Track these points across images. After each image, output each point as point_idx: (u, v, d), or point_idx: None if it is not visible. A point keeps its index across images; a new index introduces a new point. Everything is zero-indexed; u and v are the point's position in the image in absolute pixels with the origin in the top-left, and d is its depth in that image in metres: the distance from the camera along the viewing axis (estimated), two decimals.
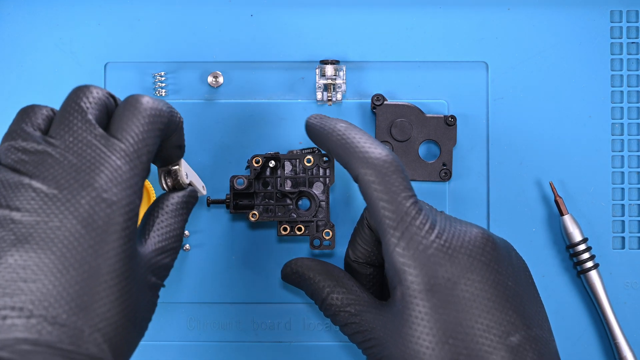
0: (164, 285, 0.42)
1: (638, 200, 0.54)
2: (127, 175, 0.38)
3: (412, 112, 0.53)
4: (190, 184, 0.46)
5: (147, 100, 0.40)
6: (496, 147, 0.54)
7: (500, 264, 0.41)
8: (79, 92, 0.40)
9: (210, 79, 0.54)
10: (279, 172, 0.51)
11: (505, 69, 0.54)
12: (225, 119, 0.54)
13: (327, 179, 0.51)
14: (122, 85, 0.54)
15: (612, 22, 0.55)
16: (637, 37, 0.55)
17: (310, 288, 0.46)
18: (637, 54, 0.55)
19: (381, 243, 0.42)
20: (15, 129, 0.39)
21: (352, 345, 0.53)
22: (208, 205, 0.53)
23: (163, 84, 0.54)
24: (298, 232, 0.51)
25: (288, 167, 0.51)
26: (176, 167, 0.45)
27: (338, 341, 0.53)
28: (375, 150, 0.42)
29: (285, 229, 0.51)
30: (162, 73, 0.54)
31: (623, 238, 0.54)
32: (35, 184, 0.37)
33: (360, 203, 0.54)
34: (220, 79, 0.54)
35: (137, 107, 0.39)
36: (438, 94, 0.54)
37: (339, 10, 0.54)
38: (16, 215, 0.37)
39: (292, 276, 0.48)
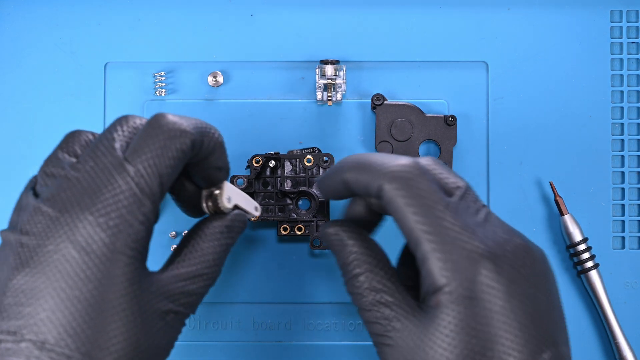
0: (190, 313, 0.40)
1: (638, 200, 0.54)
2: (131, 199, 0.37)
3: (412, 112, 0.53)
4: (236, 207, 0.44)
5: (167, 120, 0.38)
6: (496, 147, 0.54)
7: (538, 279, 0.39)
8: (116, 122, 0.39)
9: (210, 79, 0.54)
10: (279, 172, 0.51)
11: (505, 69, 0.54)
12: (225, 119, 0.54)
13: None
14: (122, 85, 0.54)
15: (612, 22, 0.55)
16: (637, 37, 0.55)
17: (345, 258, 0.42)
18: (637, 54, 0.55)
19: (416, 253, 0.38)
20: (52, 154, 0.39)
21: (353, 345, 0.53)
22: None
23: (163, 84, 0.54)
24: (298, 232, 0.51)
25: (288, 167, 0.51)
26: (217, 191, 0.43)
27: (338, 341, 0.54)
28: (394, 161, 0.39)
29: (285, 229, 0.51)
30: (162, 73, 0.54)
31: (623, 238, 0.54)
32: (44, 207, 0.37)
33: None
34: (220, 79, 0.54)
35: (155, 126, 0.38)
36: (438, 94, 0.54)
37: (339, 10, 0.54)
38: (24, 238, 0.37)
39: (332, 237, 0.43)
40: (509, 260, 0.38)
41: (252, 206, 0.45)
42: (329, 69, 0.53)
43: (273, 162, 0.51)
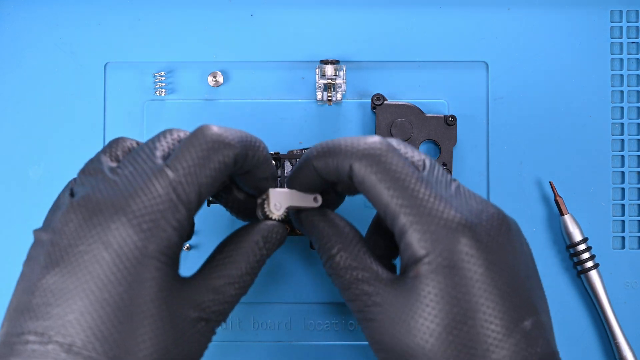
0: (221, 321, 0.40)
1: (638, 200, 0.54)
2: (167, 205, 0.37)
3: (412, 112, 0.53)
4: (286, 215, 0.44)
5: (212, 131, 0.38)
6: (496, 147, 0.54)
7: (514, 246, 0.39)
8: (160, 133, 0.40)
9: (210, 79, 0.54)
10: (279, 172, 0.51)
11: (505, 69, 0.54)
12: (225, 119, 0.54)
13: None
14: (122, 85, 0.54)
15: (612, 22, 0.55)
16: (637, 37, 0.55)
17: (320, 241, 0.43)
18: (637, 54, 0.55)
19: (393, 227, 0.39)
20: (94, 157, 0.40)
21: (353, 345, 0.53)
22: (208, 205, 0.53)
23: (163, 84, 0.54)
24: (298, 232, 0.51)
25: (288, 167, 0.51)
26: (262, 199, 0.43)
27: (339, 341, 0.54)
28: (360, 140, 0.40)
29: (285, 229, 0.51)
30: (162, 73, 0.54)
31: (623, 238, 0.54)
32: (78, 207, 0.37)
33: (359, 202, 0.54)
34: (220, 79, 0.54)
35: (199, 136, 0.38)
36: (438, 94, 0.54)
37: (339, 10, 0.54)
38: (56, 237, 0.36)
39: (305, 222, 0.44)
40: (485, 229, 0.38)
41: (309, 200, 0.44)
42: (329, 69, 0.53)
43: (273, 162, 0.51)
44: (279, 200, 0.43)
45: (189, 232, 0.41)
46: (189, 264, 0.53)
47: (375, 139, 0.40)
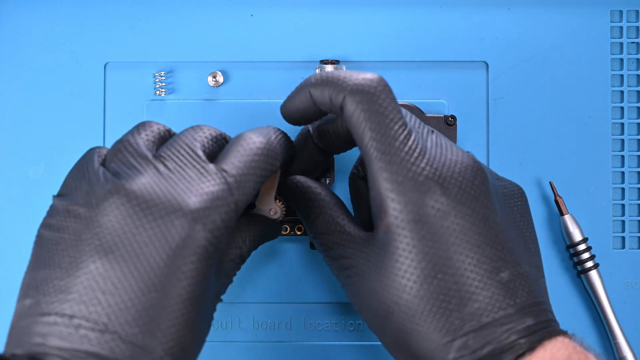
0: (221, 300, 0.42)
1: (638, 200, 0.54)
2: (219, 202, 0.37)
3: (412, 112, 0.53)
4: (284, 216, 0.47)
5: (255, 139, 0.40)
6: (496, 147, 0.54)
7: (489, 198, 0.39)
8: (192, 128, 0.41)
9: (210, 79, 0.54)
10: None
11: (505, 69, 0.54)
12: (225, 119, 0.54)
13: (328, 178, 0.51)
14: (122, 85, 0.54)
15: (612, 22, 0.55)
16: (637, 37, 0.55)
17: (300, 209, 0.45)
18: (637, 54, 0.55)
19: (368, 170, 0.40)
20: (128, 138, 0.40)
21: (353, 345, 0.53)
22: None
23: (163, 84, 0.54)
24: (298, 232, 0.51)
25: None
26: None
27: (339, 341, 0.54)
28: (359, 75, 0.40)
29: (285, 229, 0.51)
30: (162, 73, 0.54)
31: (623, 238, 0.54)
32: (133, 194, 0.37)
33: None
34: (220, 79, 0.54)
35: (247, 143, 0.40)
36: (438, 94, 0.54)
37: (339, 10, 0.54)
38: (104, 219, 0.36)
39: (289, 192, 0.46)
40: (456, 181, 0.38)
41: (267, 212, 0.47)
42: (329, 69, 0.53)
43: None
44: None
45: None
46: None
47: (373, 76, 0.40)
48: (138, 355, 0.35)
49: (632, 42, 0.55)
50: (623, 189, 0.54)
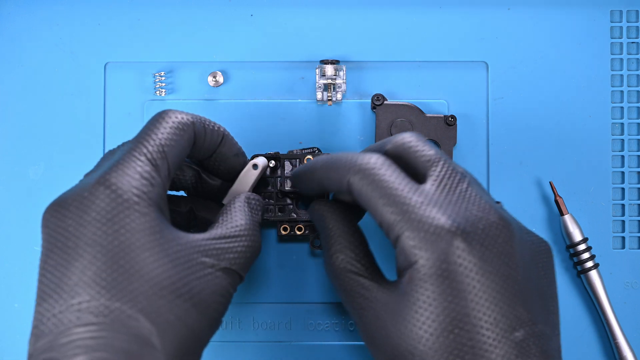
0: (235, 269, 0.41)
1: (638, 200, 0.54)
2: (128, 166, 0.39)
3: (412, 112, 0.53)
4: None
5: (169, 110, 0.43)
6: (496, 147, 0.54)
7: (512, 257, 0.39)
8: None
9: (210, 79, 0.54)
10: (279, 171, 0.51)
11: (505, 69, 0.54)
12: (225, 119, 0.54)
13: None
14: (122, 85, 0.54)
15: (612, 22, 0.55)
16: (637, 37, 0.55)
17: (323, 238, 0.45)
18: (637, 54, 0.55)
19: (389, 237, 0.40)
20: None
21: (353, 345, 0.53)
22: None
23: (163, 84, 0.54)
24: (298, 232, 0.51)
25: (288, 167, 0.51)
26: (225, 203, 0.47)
27: (339, 341, 0.54)
28: (360, 156, 0.42)
29: (285, 229, 0.51)
30: (162, 73, 0.54)
31: (623, 238, 0.54)
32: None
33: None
34: (220, 79, 0.54)
35: (159, 116, 0.42)
36: (438, 94, 0.54)
37: (339, 10, 0.54)
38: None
39: (314, 214, 0.47)
40: (479, 237, 0.39)
41: (251, 170, 0.48)
42: (329, 69, 0.53)
43: (273, 162, 0.51)
44: (233, 198, 0.46)
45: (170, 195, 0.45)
46: None
47: (371, 156, 0.41)
48: (115, 322, 0.36)
49: (632, 42, 0.55)
50: (623, 189, 0.54)
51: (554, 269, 0.42)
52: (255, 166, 0.48)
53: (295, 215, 0.51)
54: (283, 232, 0.51)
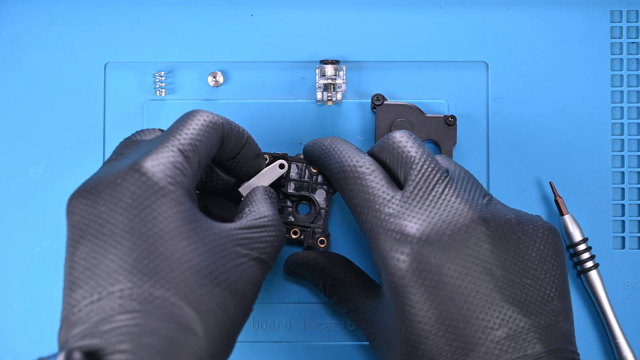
0: (265, 259, 0.42)
1: (638, 200, 0.54)
2: (162, 155, 0.39)
3: (412, 112, 0.53)
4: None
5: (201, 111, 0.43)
6: (496, 147, 0.54)
7: (487, 255, 0.40)
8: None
9: (210, 79, 0.54)
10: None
11: (505, 69, 0.54)
12: None
13: (331, 187, 0.51)
14: (122, 85, 0.54)
15: (612, 22, 0.55)
16: (637, 37, 0.55)
17: (311, 281, 0.49)
18: (637, 54, 0.55)
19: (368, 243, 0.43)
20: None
21: (353, 345, 0.53)
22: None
23: (163, 84, 0.54)
24: (294, 236, 0.51)
25: (294, 170, 0.51)
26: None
27: (339, 341, 0.54)
28: (349, 161, 0.44)
29: None
30: (162, 73, 0.54)
31: (623, 238, 0.54)
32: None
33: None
34: (220, 79, 0.54)
35: (190, 114, 0.43)
36: (438, 94, 0.54)
37: (339, 10, 0.54)
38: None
39: (291, 272, 0.51)
40: (446, 243, 0.40)
41: (276, 169, 0.49)
42: (329, 69, 0.53)
43: (284, 163, 0.50)
44: (251, 190, 0.47)
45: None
46: None
47: (358, 160, 0.44)
48: (138, 301, 0.36)
49: (632, 42, 0.55)
50: (623, 189, 0.54)
51: (556, 254, 0.42)
52: (282, 166, 0.49)
53: (293, 219, 0.51)
54: None
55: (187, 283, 0.37)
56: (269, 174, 0.49)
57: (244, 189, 0.48)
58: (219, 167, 0.47)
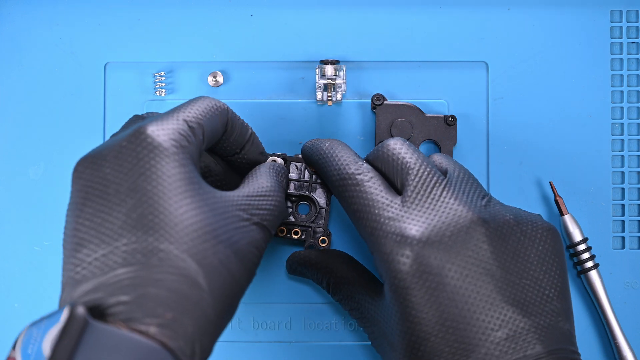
0: (267, 225, 0.42)
1: (638, 200, 0.54)
2: (167, 122, 0.40)
3: (412, 112, 0.53)
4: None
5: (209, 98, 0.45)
6: (496, 147, 0.54)
7: (486, 256, 0.41)
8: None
9: (210, 79, 0.54)
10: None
11: (505, 69, 0.54)
12: None
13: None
14: (122, 85, 0.54)
15: (612, 22, 0.55)
16: (637, 37, 0.55)
17: (313, 280, 0.50)
18: (637, 54, 0.55)
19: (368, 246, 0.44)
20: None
21: (353, 345, 0.53)
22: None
23: (163, 84, 0.54)
24: (295, 236, 0.51)
25: (293, 169, 0.51)
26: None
27: (338, 341, 0.54)
28: (347, 168, 0.45)
29: (282, 231, 0.51)
30: (162, 73, 0.54)
31: (623, 238, 0.54)
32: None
33: None
34: (220, 79, 0.54)
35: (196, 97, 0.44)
36: (438, 94, 0.54)
37: (339, 10, 0.54)
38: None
39: (294, 271, 0.51)
40: (445, 244, 0.41)
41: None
42: (329, 69, 0.53)
43: (273, 158, 0.50)
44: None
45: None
46: None
47: (357, 167, 0.45)
48: (163, 261, 0.36)
49: (632, 42, 0.55)
50: (623, 189, 0.54)
51: (556, 254, 0.42)
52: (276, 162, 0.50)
53: (293, 219, 0.51)
54: (279, 234, 0.51)
55: (190, 237, 0.37)
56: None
57: None
58: (224, 162, 0.48)
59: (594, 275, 0.53)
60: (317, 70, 0.53)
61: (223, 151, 0.46)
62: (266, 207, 0.42)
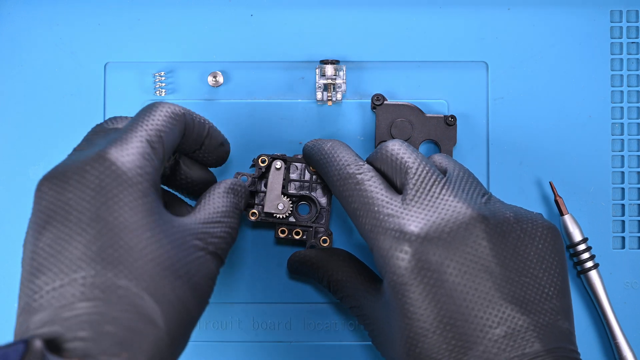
0: (220, 255, 0.42)
1: (638, 200, 0.54)
2: (130, 145, 0.40)
3: (412, 112, 0.53)
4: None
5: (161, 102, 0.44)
6: (496, 147, 0.54)
7: (486, 253, 0.40)
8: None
9: (210, 79, 0.54)
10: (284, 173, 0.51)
11: (505, 69, 0.54)
12: (225, 119, 0.54)
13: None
14: (122, 85, 0.54)
15: (612, 22, 0.55)
16: (637, 37, 0.55)
17: (314, 279, 0.50)
18: (637, 54, 0.55)
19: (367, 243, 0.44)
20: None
21: (353, 345, 0.53)
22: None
23: (163, 84, 0.54)
24: (296, 236, 0.51)
25: (293, 169, 0.51)
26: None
27: (338, 341, 0.54)
28: (346, 169, 0.45)
29: (283, 232, 0.51)
30: (162, 73, 0.54)
31: (623, 238, 0.54)
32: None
33: None
34: (220, 79, 0.54)
35: (151, 105, 0.43)
36: (438, 94, 0.54)
37: (339, 10, 0.54)
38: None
39: (295, 271, 0.51)
40: (445, 241, 0.41)
41: (279, 175, 0.51)
42: (329, 69, 0.53)
43: (279, 162, 0.50)
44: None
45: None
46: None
47: (357, 167, 0.45)
48: (121, 299, 0.36)
49: (632, 42, 0.55)
50: (623, 189, 0.54)
51: (555, 252, 0.42)
52: (279, 166, 0.50)
53: (294, 220, 0.51)
54: (281, 235, 0.51)
55: (149, 274, 0.37)
56: (276, 179, 0.50)
57: (267, 206, 0.50)
58: (187, 159, 0.48)
59: (594, 275, 0.53)
60: (317, 70, 0.53)
61: (182, 151, 0.46)
62: (221, 234, 0.42)
